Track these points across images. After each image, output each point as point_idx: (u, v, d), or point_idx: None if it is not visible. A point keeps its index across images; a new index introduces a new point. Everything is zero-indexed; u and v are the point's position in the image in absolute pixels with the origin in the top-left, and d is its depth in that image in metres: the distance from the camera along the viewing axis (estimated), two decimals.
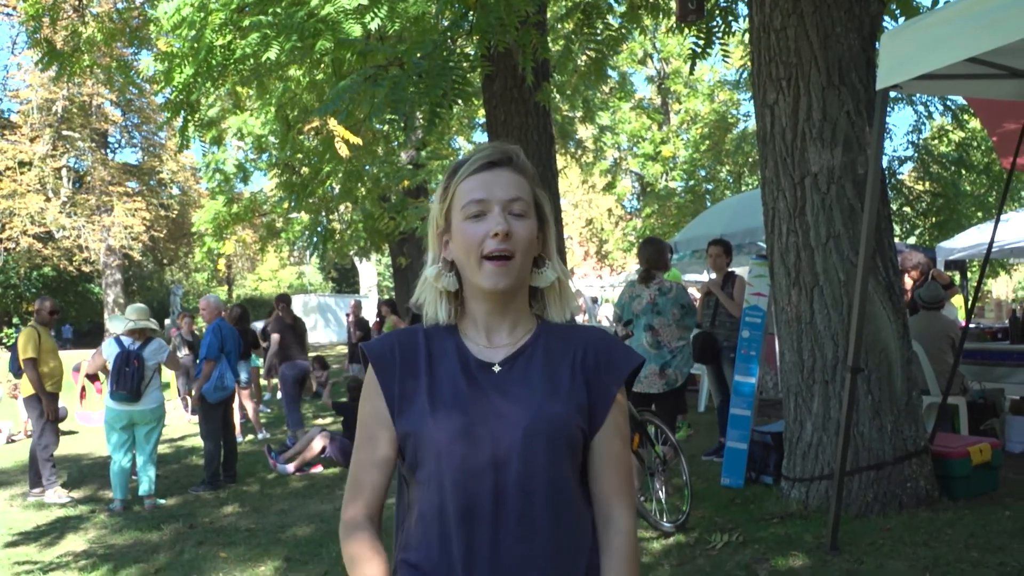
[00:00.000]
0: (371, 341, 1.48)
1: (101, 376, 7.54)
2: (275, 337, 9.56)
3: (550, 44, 8.98)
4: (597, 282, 25.13)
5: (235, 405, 8.55)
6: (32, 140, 31.44)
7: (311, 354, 17.60)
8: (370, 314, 17.92)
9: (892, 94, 4.23)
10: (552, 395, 1.37)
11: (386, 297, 21.34)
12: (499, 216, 1.35)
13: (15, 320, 34.55)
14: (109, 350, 6.68)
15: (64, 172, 33.20)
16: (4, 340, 29.17)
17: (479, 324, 1.43)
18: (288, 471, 7.67)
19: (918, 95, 14.10)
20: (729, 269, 7.10)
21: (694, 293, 10.72)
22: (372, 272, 30.79)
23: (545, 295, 1.46)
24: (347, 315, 15.75)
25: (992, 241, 6.09)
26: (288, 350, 9.52)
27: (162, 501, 6.84)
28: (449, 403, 1.35)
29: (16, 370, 7.43)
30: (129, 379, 6.52)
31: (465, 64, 6.29)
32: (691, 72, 7.59)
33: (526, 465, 1.31)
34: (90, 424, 11.95)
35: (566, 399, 1.38)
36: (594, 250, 32.15)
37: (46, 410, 7.07)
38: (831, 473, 4.89)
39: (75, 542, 5.74)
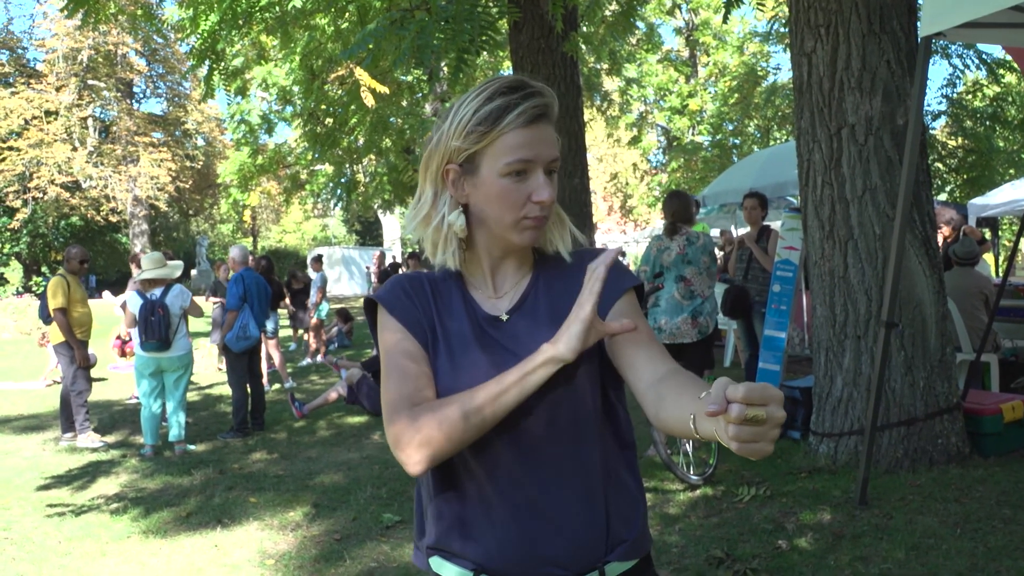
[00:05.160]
0: (378, 291, 1.43)
1: (132, 333, 7.66)
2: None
3: None
4: (621, 237, 25.03)
5: (263, 354, 8.61)
6: (58, 89, 31.58)
7: (334, 306, 17.74)
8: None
9: None
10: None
11: (410, 250, 21.32)
12: (543, 181, 1.28)
13: (44, 269, 34.96)
14: (133, 303, 6.74)
15: (90, 122, 33.34)
16: (34, 288, 29.58)
17: (486, 269, 1.39)
18: None
19: (953, 48, 13.77)
20: (764, 223, 7.01)
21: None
22: (395, 225, 30.72)
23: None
24: (367, 267, 15.77)
25: None
26: None
27: (192, 447, 6.94)
28: (459, 351, 1.33)
29: (46, 317, 7.50)
30: (157, 328, 6.58)
31: (493, 10, 6.18)
32: (724, 21, 7.40)
33: (545, 395, 1.28)
34: (120, 372, 12.11)
35: None
36: (618, 205, 31.96)
37: (77, 358, 7.15)
38: (860, 428, 4.85)
39: (107, 486, 5.83)
